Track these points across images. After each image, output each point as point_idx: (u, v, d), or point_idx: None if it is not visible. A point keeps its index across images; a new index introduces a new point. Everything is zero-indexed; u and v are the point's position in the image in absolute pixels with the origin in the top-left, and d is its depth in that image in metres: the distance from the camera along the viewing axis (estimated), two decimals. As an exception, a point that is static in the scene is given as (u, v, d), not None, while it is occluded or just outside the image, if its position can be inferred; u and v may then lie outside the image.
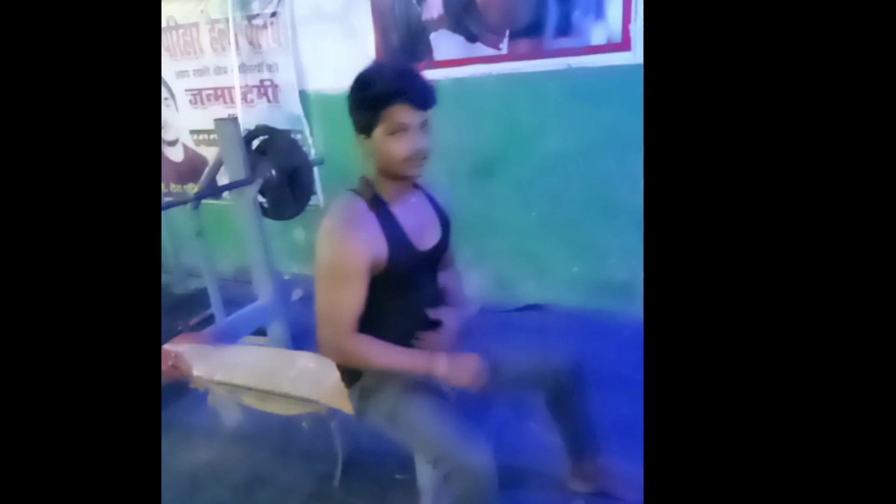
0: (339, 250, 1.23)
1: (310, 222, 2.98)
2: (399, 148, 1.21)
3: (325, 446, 1.85)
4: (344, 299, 1.25)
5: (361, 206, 1.27)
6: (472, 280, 2.76)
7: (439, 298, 1.46)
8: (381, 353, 1.29)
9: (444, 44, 2.55)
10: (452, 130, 2.65)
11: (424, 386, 1.38)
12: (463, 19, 2.46)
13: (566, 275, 2.72)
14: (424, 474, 1.59)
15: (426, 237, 1.37)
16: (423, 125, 1.22)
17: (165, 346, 2.02)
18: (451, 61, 2.56)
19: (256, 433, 2.06)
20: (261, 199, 2.34)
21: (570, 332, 2.63)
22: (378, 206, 1.28)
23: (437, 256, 1.42)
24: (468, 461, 1.22)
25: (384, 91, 1.18)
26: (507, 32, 2.43)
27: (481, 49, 2.49)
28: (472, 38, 2.48)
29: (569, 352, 1.51)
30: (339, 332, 1.26)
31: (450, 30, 2.51)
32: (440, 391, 1.40)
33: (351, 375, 1.46)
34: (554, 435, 1.64)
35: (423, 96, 1.21)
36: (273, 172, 2.15)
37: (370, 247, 1.24)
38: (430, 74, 2.52)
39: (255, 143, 2.24)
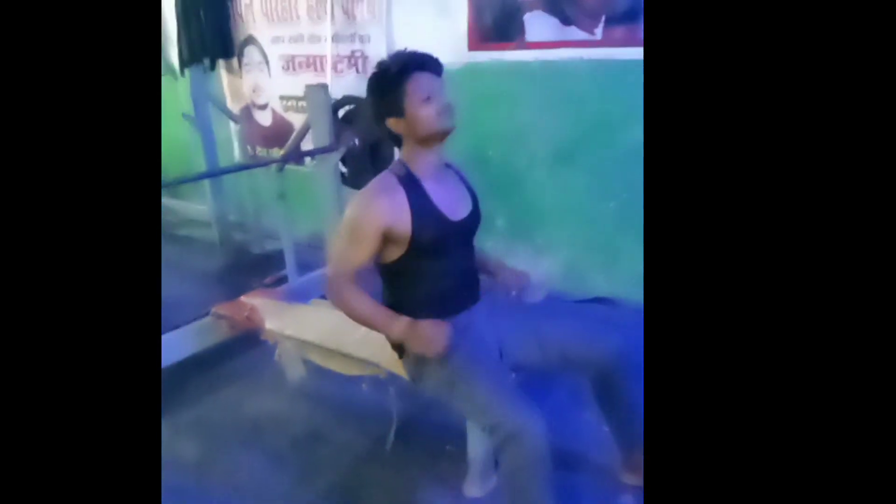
0: (359, 211, 1.41)
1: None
2: (432, 108, 1.39)
3: (381, 410, 1.90)
4: (350, 251, 1.42)
5: (392, 179, 1.44)
6: (542, 266, 2.75)
7: (475, 270, 1.59)
8: (357, 305, 1.45)
9: (538, 25, 2.51)
10: (535, 113, 2.63)
11: (481, 354, 1.43)
12: (559, 1, 2.42)
13: (640, 270, 2.65)
14: (475, 447, 1.61)
15: (457, 208, 1.50)
16: (441, 88, 1.42)
17: (242, 298, 2.13)
18: (542, 43, 2.52)
19: (318, 391, 2.15)
20: (341, 167, 2.40)
21: (634, 327, 2.58)
22: (409, 180, 1.44)
23: (470, 228, 1.56)
24: (523, 429, 1.25)
25: (402, 68, 1.39)
26: (604, 18, 2.37)
27: (575, 33, 2.44)
28: (566, 21, 2.43)
29: (618, 342, 1.49)
30: (338, 278, 1.44)
31: (545, 11, 2.47)
32: (497, 359, 1.44)
33: (396, 344, 1.53)
34: (605, 425, 1.63)
35: (435, 63, 1.44)
36: (356, 142, 2.20)
37: (388, 213, 1.39)
38: (519, 56, 2.51)
39: (342, 112, 2.29)
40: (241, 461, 1.90)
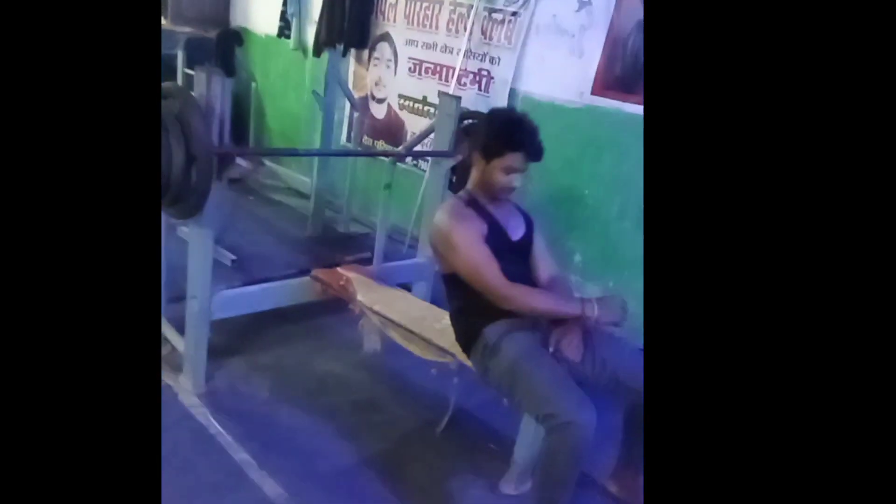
0: (461, 230, 1.66)
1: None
2: (506, 181, 1.68)
3: (439, 397, 2.08)
4: (480, 260, 1.64)
5: (460, 202, 1.74)
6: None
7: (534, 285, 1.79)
8: (540, 298, 1.67)
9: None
10: (637, 167, 2.75)
11: (540, 347, 1.62)
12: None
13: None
14: (522, 450, 1.76)
15: (516, 230, 1.78)
16: (526, 167, 1.69)
17: (339, 269, 2.35)
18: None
19: (385, 364, 2.34)
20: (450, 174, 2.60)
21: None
22: (475, 205, 1.73)
23: (526, 248, 1.81)
24: (575, 418, 1.42)
25: (516, 140, 1.65)
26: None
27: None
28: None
29: None
30: (496, 285, 1.62)
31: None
32: (553, 354, 1.61)
33: (467, 339, 1.72)
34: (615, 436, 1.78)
35: (539, 152, 1.68)
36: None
37: (476, 222, 1.68)
38: (636, 109, 2.65)
39: (464, 123, 2.49)
40: (299, 411, 2.11)
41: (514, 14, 3.07)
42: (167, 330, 2.23)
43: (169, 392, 2.07)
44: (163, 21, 4.94)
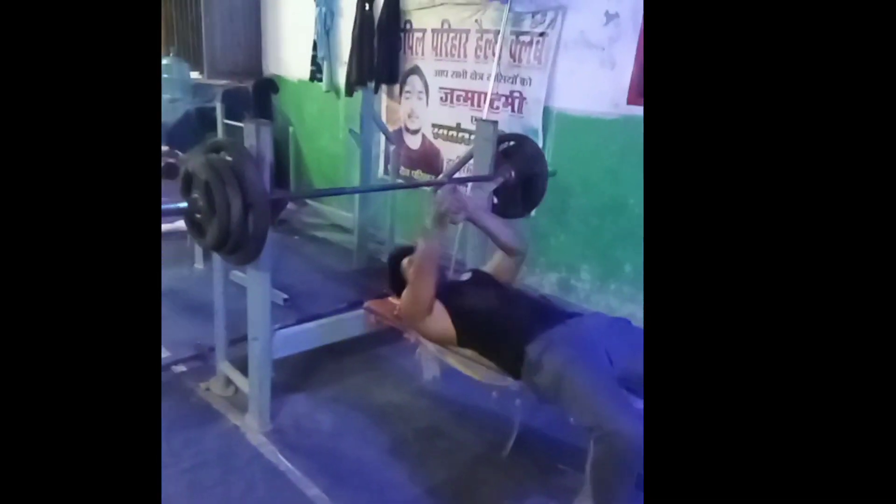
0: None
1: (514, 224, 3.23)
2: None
3: (502, 419, 2.07)
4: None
5: None
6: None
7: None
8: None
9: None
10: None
11: (588, 358, 1.62)
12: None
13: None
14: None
15: None
16: None
17: (390, 299, 2.37)
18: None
19: (445, 390, 2.34)
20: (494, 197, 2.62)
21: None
22: None
23: None
24: (620, 427, 1.40)
25: None
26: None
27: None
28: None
29: None
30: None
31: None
32: (604, 365, 1.61)
33: (513, 361, 1.75)
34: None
35: None
36: (512, 174, 2.42)
37: None
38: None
39: (503, 146, 2.52)
40: (365, 442, 2.12)
41: (541, 35, 3.11)
42: (230, 372, 2.28)
43: (237, 433, 2.12)
44: (199, 75, 5.17)
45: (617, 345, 1.71)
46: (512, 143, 2.53)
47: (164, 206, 1.45)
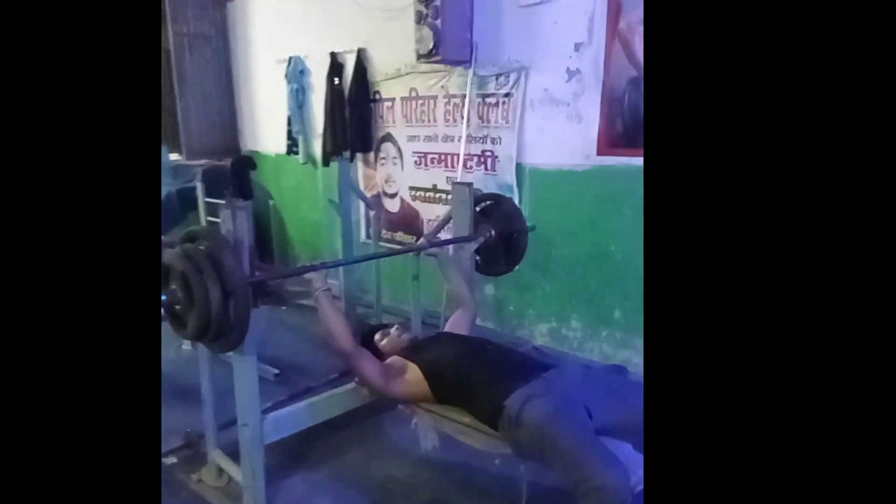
0: None
1: (501, 280, 3.24)
2: None
3: (506, 485, 2.01)
4: None
5: None
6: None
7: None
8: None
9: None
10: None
11: (567, 408, 1.61)
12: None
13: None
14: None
15: None
16: None
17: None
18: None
19: (445, 460, 2.28)
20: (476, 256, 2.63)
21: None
22: None
23: None
24: (605, 482, 1.38)
25: None
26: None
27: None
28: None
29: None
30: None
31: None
32: (583, 418, 1.59)
33: (491, 415, 1.73)
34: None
35: None
36: (492, 233, 2.44)
37: None
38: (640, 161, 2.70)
39: (481, 206, 2.55)
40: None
41: (506, 95, 3.20)
42: (222, 460, 2.21)
43: (232, 525, 2.04)
44: (178, 157, 5.22)
45: (594, 395, 1.71)
46: (489, 202, 2.57)
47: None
